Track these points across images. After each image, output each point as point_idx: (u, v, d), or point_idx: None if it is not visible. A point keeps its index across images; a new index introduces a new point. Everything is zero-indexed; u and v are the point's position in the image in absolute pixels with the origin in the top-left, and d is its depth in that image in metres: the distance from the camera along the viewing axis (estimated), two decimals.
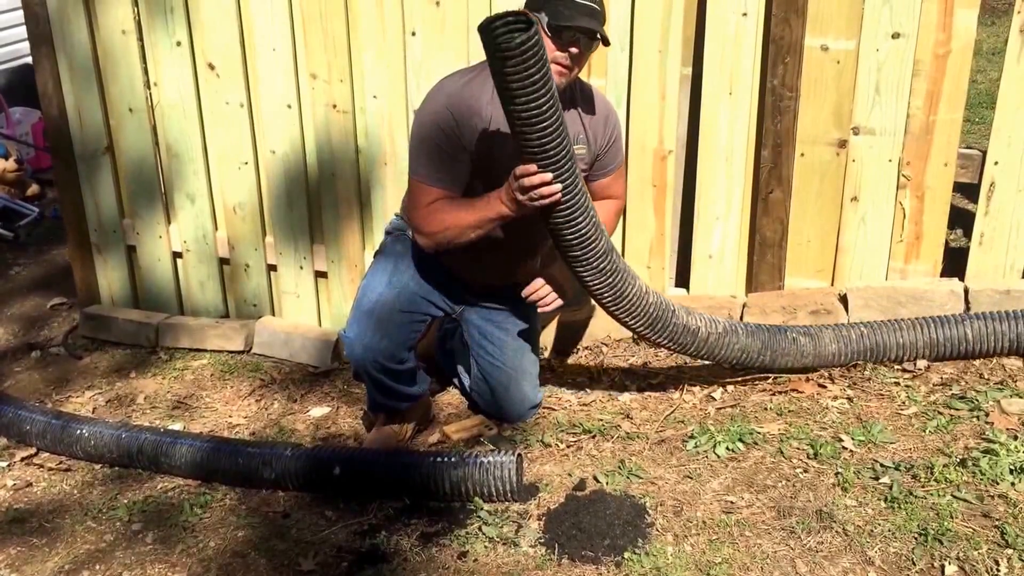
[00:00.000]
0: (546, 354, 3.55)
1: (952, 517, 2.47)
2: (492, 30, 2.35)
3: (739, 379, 3.21)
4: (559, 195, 2.53)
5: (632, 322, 2.85)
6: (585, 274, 2.73)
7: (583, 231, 2.62)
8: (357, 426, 3.31)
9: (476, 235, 2.76)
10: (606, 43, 2.73)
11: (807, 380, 3.12)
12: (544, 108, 2.40)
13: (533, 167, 2.51)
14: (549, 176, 2.50)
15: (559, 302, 2.92)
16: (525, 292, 2.92)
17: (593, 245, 2.65)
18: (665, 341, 2.93)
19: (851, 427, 2.90)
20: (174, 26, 3.69)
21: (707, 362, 3.21)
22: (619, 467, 2.84)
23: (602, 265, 2.69)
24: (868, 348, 3.11)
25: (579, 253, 2.67)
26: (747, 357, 3.04)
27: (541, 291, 2.88)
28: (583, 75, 3.27)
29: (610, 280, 2.73)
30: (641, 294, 2.78)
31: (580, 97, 2.89)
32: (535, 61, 2.33)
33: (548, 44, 2.65)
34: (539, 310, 2.96)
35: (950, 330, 3.08)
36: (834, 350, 3.09)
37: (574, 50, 2.67)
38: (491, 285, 3.08)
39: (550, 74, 2.40)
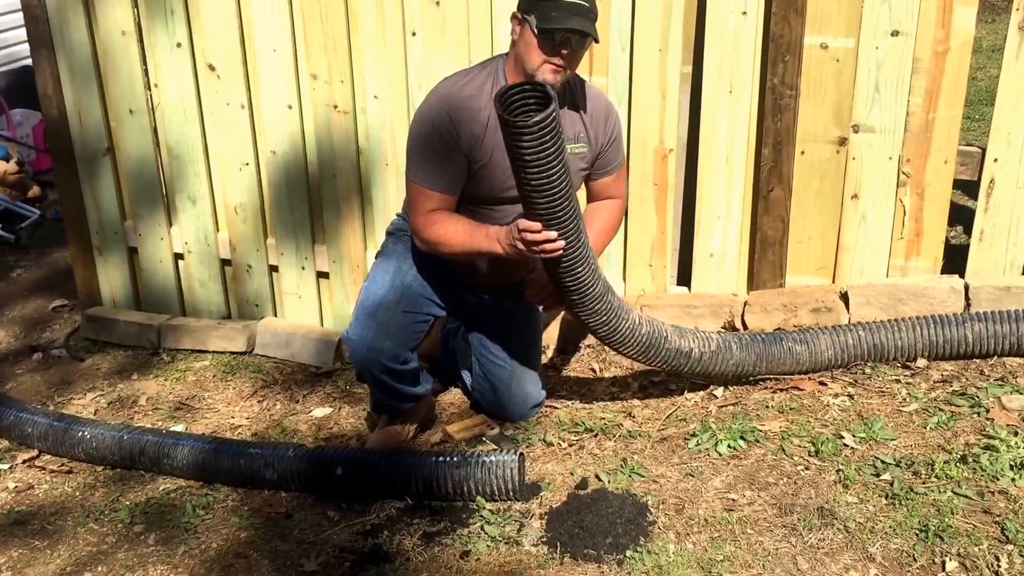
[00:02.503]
0: (549, 352, 3.55)
1: (953, 513, 2.47)
2: (507, 104, 2.37)
3: None
4: (561, 251, 2.58)
5: (625, 351, 2.92)
6: (581, 313, 2.79)
7: (582, 279, 2.67)
8: (359, 426, 3.31)
9: (468, 258, 2.84)
10: (596, 40, 2.74)
11: (808, 378, 3.12)
12: (555, 177, 2.43)
13: (537, 225, 2.54)
14: (553, 234, 2.54)
15: (559, 306, 2.94)
16: (528, 294, 2.93)
17: (591, 291, 2.71)
18: (659, 365, 3.00)
19: (852, 424, 2.90)
20: (174, 27, 3.69)
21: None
22: (621, 465, 2.84)
23: (597, 306, 2.75)
24: (865, 352, 3.11)
25: (576, 298, 2.73)
26: (742, 370, 3.08)
27: (541, 293, 2.89)
28: (585, 74, 3.28)
29: (604, 319, 2.79)
30: (634, 327, 2.84)
31: (580, 95, 2.89)
32: (550, 138, 2.36)
33: (538, 46, 2.67)
34: (542, 311, 2.98)
35: (949, 332, 3.08)
36: (831, 356, 3.11)
37: (565, 51, 2.68)
38: (493, 284, 3.09)
39: (563, 145, 2.43)
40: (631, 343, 2.87)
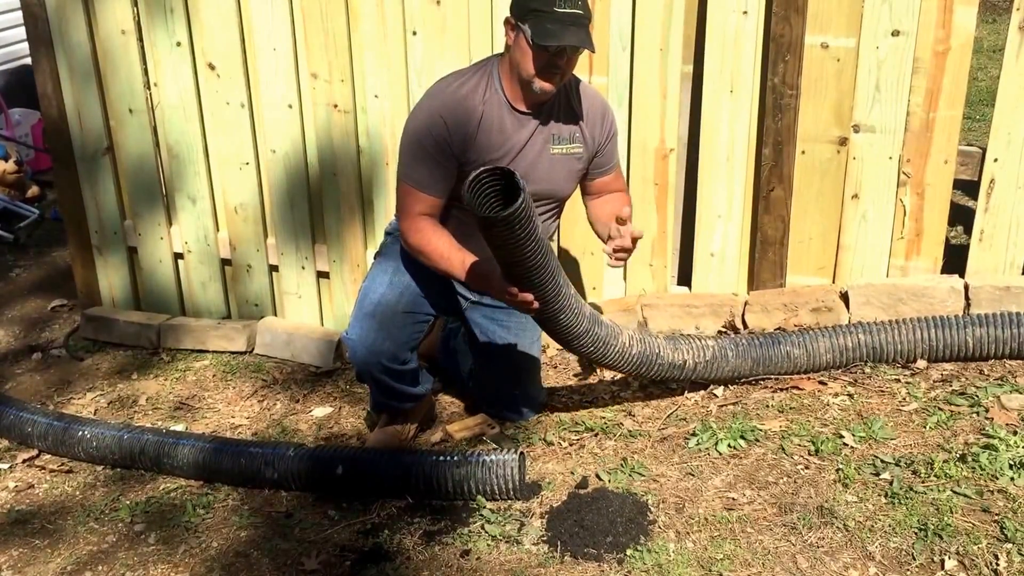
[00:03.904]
0: (549, 352, 3.55)
1: (952, 512, 2.48)
2: (478, 188, 2.39)
3: None
4: (538, 308, 2.64)
5: (618, 369, 2.98)
6: (568, 344, 2.85)
7: (564, 323, 2.74)
8: (360, 426, 3.32)
9: (447, 276, 2.86)
10: (592, 51, 2.73)
11: (808, 378, 3.13)
12: (528, 254, 2.47)
13: (514, 289, 2.59)
14: (529, 296, 2.60)
15: None
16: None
17: (575, 330, 2.76)
18: (653, 378, 3.06)
19: (852, 423, 2.90)
20: (174, 26, 3.69)
21: None
22: (621, 465, 2.84)
23: (584, 340, 2.80)
24: (864, 355, 3.12)
25: (567, 337, 2.80)
26: (738, 375, 3.11)
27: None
28: (585, 74, 3.29)
29: (591, 349, 2.84)
30: (624, 350, 2.88)
31: (576, 95, 2.89)
32: (520, 226, 2.39)
33: (534, 58, 2.67)
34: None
35: (949, 335, 3.08)
36: (829, 359, 3.12)
37: (560, 61, 2.68)
38: None
39: (535, 227, 2.44)
40: (622, 363, 2.91)
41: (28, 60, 4.61)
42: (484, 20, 3.38)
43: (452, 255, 2.79)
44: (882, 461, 2.71)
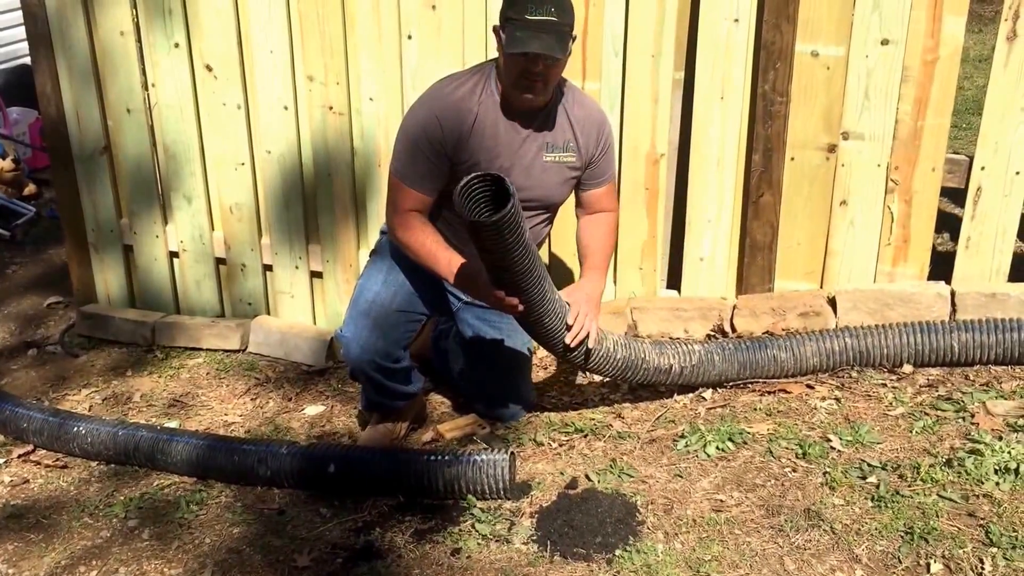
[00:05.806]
0: (539, 354, 3.58)
1: (938, 516, 2.51)
2: (469, 194, 2.43)
3: None
4: (522, 310, 2.69)
5: (603, 373, 3.03)
6: (553, 348, 2.90)
7: (549, 327, 2.79)
8: (352, 424, 3.34)
9: (433, 274, 2.89)
10: (564, 57, 2.71)
11: (795, 381, 3.16)
12: (515, 259, 2.52)
13: (501, 293, 2.64)
14: (516, 300, 2.65)
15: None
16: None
17: (559, 335, 2.82)
18: (639, 382, 3.09)
19: (839, 427, 2.93)
20: (172, 28, 3.72)
21: None
22: (610, 466, 2.87)
23: (567, 343, 2.84)
24: (851, 359, 3.15)
25: (551, 341, 2.85)
26: (725, 379, 3.15)
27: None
28: (578, 79, 3.32)
29: (575, 353, 2.87)
30: (608, 354, 2.92)
31: (573, 104, 2.92)
32: (509, 231, 2.42)
33: (510, 66, 2.70)
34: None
35: (935, 340, 3.11)
36: (816, 363, 3.15)
37: (536, 69, 2.69)
38: None
39: (523, 233, 2.48)
40: (607, 368, 2.95)
41: (27, 59, 4.62)
42: (479, 24, 3.41)
43: (439, 254, 2.82)
44: (869, 465, 2.74)
